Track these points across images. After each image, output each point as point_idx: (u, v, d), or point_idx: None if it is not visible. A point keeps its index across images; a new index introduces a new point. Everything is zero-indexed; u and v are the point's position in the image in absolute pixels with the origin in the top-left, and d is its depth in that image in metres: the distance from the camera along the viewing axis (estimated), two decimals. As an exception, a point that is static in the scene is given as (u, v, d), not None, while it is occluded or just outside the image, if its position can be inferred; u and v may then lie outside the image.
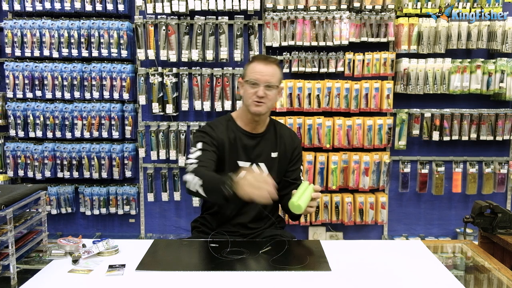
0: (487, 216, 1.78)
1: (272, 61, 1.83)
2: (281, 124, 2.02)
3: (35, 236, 1.48)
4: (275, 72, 1.82)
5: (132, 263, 1.46)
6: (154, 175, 3.35)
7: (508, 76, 3.12)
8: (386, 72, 3.18)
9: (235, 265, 1.46)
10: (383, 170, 3.22)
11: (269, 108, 1.84)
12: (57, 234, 3.34)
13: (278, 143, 1.93)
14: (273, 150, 1.91)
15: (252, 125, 1.89)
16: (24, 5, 3.16)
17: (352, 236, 3.40)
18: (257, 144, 1.89)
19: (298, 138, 2.04)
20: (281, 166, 1.92)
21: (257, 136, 1.90)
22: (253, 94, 1.79)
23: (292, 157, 1.95)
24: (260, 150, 1.89)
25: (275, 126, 1.97)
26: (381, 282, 1.36)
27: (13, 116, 3.21)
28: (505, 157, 3.33)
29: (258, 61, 1.83)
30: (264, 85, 1.78)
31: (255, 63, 1.83)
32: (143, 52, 3.17)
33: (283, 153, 1.93)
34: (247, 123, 1.89)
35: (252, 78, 1.79)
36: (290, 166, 1.94)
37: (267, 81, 1.79)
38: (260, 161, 1.88)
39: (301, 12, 3.11)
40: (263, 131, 1.91)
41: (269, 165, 1.89)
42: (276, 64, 1.84)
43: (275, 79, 1.82)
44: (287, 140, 1.95)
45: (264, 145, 1.90)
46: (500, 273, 1.49)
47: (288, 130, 2.01)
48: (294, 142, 1.97)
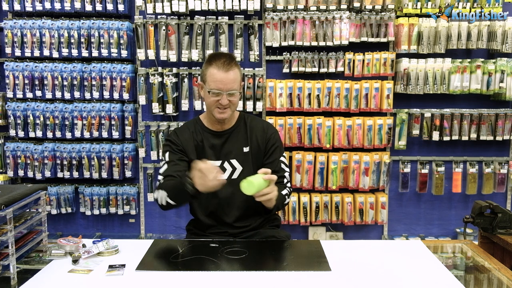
0: (487, 216, 1.78)
1: (232, 65, 1.76)
2: (253, 117, 1.97)
3: (35, 236, 1.49)
4: (236, 77, 1.76)
5: (132, 263, 1.46)
6: (154, 175, 3.35)
7: (508, 76, 3.12)
8: (386, 72, 3.18)
9: (235, 265, 1.46)
10: (383, 170, 3.22)
11: (233, 110, 1.83)
12: (57, 234, 3.34)
13: (249, 136, 1.89)
14: (244, 145, 1.88)
15: (219, 125, 1.88)
16: (24, 5, 3.16)
17: (352, 236, 3.40)
18: (225, 142, 1.88)
19: (273, 129, 1.95)
20: (256, 160, 1.88)
21: (224, 134, 1.88)
22: (215, 102, 1.77)
23: (266, 149, 1.89)
24: (229, 147, 1.87)
25: (245, 120, 1.93)
26: (381, 282, 1.36)
27: (13, 116, 3.21)
28: (505, 157, 3.33)
29: (217, 67, 1.74)
30: (226, 94, 1.75)
31: (214, 69, 1.74)
32: (143, 52, 3.17)
33: (256, 146, 1.89)
34: (213, 123, 1.89)
35: (214, 88, 1.74)
36: (265, 158, 1.89)
37: (230, 89, 1.75)
38: (231, 158, 1.86)
39: (301, 12, 3.11)
40: (231, 127, 1.89)
41: (242, 160, 1.86)
42: (235, 66, 1.77)
43: (237, 84, 1.78)
44: (258, 133, 1.90)
45: (234, 141, 1.88)
46: (500, 273, 1.49)
47: (261, 123, 1.96)
48: (267, 134, 1.90)
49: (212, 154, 1.86)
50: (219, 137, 1.88)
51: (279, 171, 1.87)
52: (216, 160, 1.85)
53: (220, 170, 1.57)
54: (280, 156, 1.91)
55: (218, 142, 1.87)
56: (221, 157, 1.86)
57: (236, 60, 1.81)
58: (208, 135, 1.88)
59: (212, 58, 1.79)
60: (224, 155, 1.87)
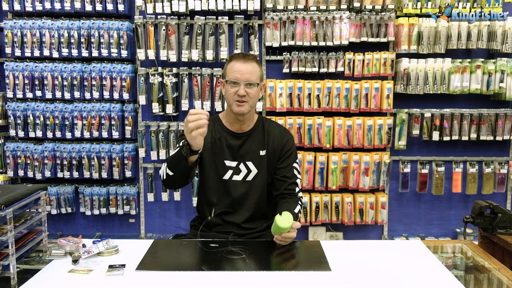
0: (487, 216, 1.78)
1: (251, 59, 1.82)
2: (271, 121, 1.99)
3: (35, 236, 1.48)
4: (254, 70, 1.80)
5: (132, 263, 1.46)
6: (154, 175, 3.35)
7: (508, 76, 3.12)
8: (386, 72, 3.18)
9: (235, 265, 1.46)
10: (383, 170, 3.22)
11: (251, 106, 1.84)
12: (57, 234, 3.34)
13: (266, 140, 1.90)
14: (261, 148, 1.89)
15: (237, 125, 1.89)
16: (24, 5, 3.16)
17: (352, 236, 3.40)
18: (243, 143, 1.89)
19: (289, 135, 1.97)
20: (271, 164, 1.90)
21: (242, 136, 1.89)
22: (234, 93, 1.79)
23: (281, 154, 1.91)
24: (246, 149, 1.88)
25: (264, 124, 1.94)
26: (381, 282, 1.36)
27: (13, 116, 3.21)
28: (505, 157, 3.33)
29: (236, 59, 1.81)
30: (244, 84, 1.78)
31: (233, 62, 1.81)
32: (143, 52, 3.17)
33: (272, 150, 1.90)
34: (232, 122, 1.90)
35: (232, 78, 1.79)
36: (279, 163, 1.91)
37: (247, 80, 1.78)
38: (247, 160, 1.88)
39: (301, 12, 3.11)
40: (250, 130, 1.90)
41: (258, 163, 1.88)
42: (255, 61, 1.82)
43: (255, 76, 1.80)
44: (275, 137, 1.92)
45: (251, 144, 1.89)
46: (500, 273, 1.49)
47: (278, 127, 1.97)
48: (283, 139, 1.92)
49: (228, 154, 1.87)
50: (237, 138, 1.89)
51: (291, 177, 1.89)
52: (232, 161, 1.87)
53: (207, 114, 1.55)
54: (293, 162, 1.92)
55: (235, 143, 1.88)
56: (237, 158, 1.88)
57: (257, 58, 1.87)
58: (227, 135, 1.89)
59: (232, 55, 1.88)
60: (241, 156, 1.88)
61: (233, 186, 1.87)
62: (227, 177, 1.87)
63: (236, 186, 1.87)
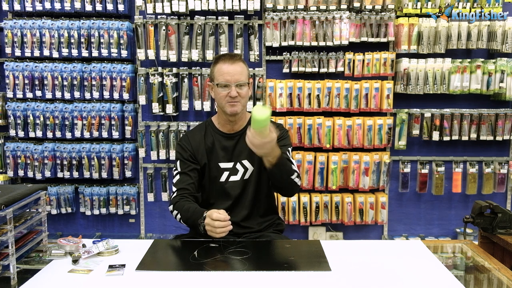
0: (487, 216, 1.78)
1: (238, 59, 1.84)
2: None
3: (35, 236, 1.48)
4: (243, 70, 1.82)
5: (132, 263, 1.46)
6: (154, 175, 3.35)
7: (508, 76, 3.12)
8: (386, 72, 3.18)
9: (235, 265, 1.46)
10: (383, 170, 3.22)
11: (244, 105, 1.86)
12: (57, 234, 3.34)
13: None
14: None
15: (229, 126, 1.90)
16: (24, 5, 3.16)
17: (352, 236, 3.40)
18: (237, 143, 1.90)
19: (284, 129, 1.95)
20: None
21: (235, 136, 1.90)
22: (225, 95, 1.80)
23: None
24: (240, 149, 1.89)
25: None
26: (381, 282, 1.36)
27: (13, 116, 3.21)
28: (505, 157, 3.33)
29: (223, 61, 1.82)
30: (235, 85, 1.79)
31: (220, 64, 1.82)
32: (143, 52, 3.17)
33: None
34: (224, 124, 1.91)
35: (222, 80, 1.80)
36: None
37: (237, 80, 1.80)
38: (242, 159, 1.88)
39: (301, 12, 3.11)
40: (242, 129, 1.91)
41: (253, 160, 1.88)
42: (241, 61, 1.85)
43: (244, 76, 1.83)
44: None
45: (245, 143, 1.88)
46: (500, 273, 1.49)
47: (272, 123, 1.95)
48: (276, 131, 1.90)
49: (223, 156, 1.89)
50: (230, 139, 1.90)
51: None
52: (228, 162, 1.88)
53: (228, 220, 1.59)
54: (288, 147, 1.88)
55: (229, 144, 1.90)
56: (232, 159, 1.89)
57: (241, 57, 1.88)
58: (220, 137, 1.91)
59: (218, 57, 1.88)
60: (236, 156, 1.89)
61: (231, 187, 1.88)
62: (224, 179, 1.88)
63: (234, 186, 1.88)
